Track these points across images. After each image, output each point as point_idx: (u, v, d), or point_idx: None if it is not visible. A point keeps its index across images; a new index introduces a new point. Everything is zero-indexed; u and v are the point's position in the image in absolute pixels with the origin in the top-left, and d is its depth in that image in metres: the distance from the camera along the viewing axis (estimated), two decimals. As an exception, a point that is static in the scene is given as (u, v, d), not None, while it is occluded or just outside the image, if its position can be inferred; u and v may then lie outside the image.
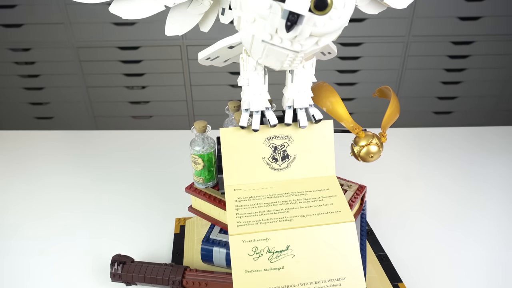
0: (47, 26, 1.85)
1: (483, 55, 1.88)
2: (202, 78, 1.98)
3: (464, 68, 1.92)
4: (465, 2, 1.75)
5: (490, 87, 1.97)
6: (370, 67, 1.92)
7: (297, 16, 0.37)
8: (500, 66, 1.90)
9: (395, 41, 1.84)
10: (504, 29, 1.81)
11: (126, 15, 0.51)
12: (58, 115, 2.10)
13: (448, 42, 1.85)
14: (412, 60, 1.90)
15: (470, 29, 1.81)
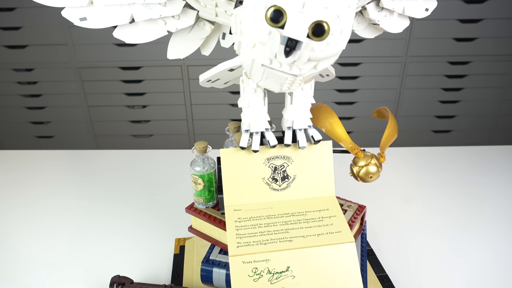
0: (51, 47, 1.88)
1: (480, 74, 1.90)
2: (202, 98, 2.00)
3: (461, 87, 1.94)
4: (460, 24, 1.79)
5: (488, 106, 1.99)
6: (369, 86, 1.94)
7: (295, 42, 0.38)
8: (498, 85, 1.93)
9: (393, 61, 1.87)
10: (499, 50, 1.84)
11: (129, 39, 0.52)
12: (59, 134, 2.11)
13: (445, 62, 1.88)
14: (410, 80, 1.92)
15: (466, 49, 1.85)
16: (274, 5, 0.38)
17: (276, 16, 0.38)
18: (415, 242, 0.78)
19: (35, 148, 2.12)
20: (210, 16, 0.50)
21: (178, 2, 0.48)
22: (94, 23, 0.50)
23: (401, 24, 0.58)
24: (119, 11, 0.49)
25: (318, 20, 0.38)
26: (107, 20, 0.49)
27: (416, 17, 0.57)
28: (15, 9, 1.79)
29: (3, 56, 1.90)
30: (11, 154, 1.16)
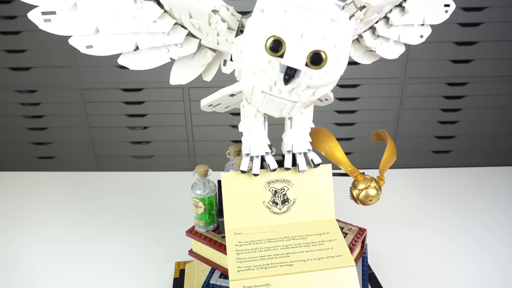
0: (54, 69, 1.91)
1: (478, 95, 1.92)
2: (203, 119, 2.01)
3: (460, 108, 1.96)
4: (456, 46, 1.82)
5: (487, 127, 2.00)
6: (368, 107, 1.96)
7: (294, 70, 0.39)
8: (496, 106, 1.95)
9: (391, 82, 1.90)
10: (495, 71, 1.87)
11: (133, 66, 0.53)
12: (60, 155, 2.12)
13: (443, 83, 1.90)
14: (409, 101, 1.94)
15: (463, 71, 1.87)
16: (273, 36, 0.39)
17: (276, 46, 0.40)
18: (417, 265, 0.78)
19: (36, 168, 2.12)
20: (212, 44, 0.52)
21: (181, 31, 0.49)
22: (100, 51, 0.51)
23: (397, 50, 0.60)
24: (124, 39, 0.50)
25: (316, 50, 0.39)
26: (112, 48, 0.51)
27: (411, 44, 0.59)
28: (21, 32, 1.83)
29: (7, 78, 1.92)
30: (12, 176, 1.17)
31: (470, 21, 1.78)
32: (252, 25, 0.40)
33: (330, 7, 0.39)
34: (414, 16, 0.54)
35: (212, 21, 0.46)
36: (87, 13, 0.47)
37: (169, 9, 0.46)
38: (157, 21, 0.47)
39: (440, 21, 0.58)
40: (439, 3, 0.56)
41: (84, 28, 0.49)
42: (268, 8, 0.40)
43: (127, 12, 0.46)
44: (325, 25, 0.39)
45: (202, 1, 0.43)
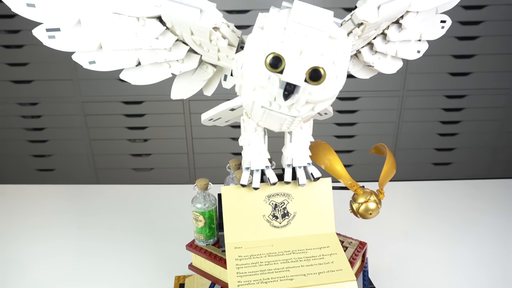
0: (56, 82, 1.93)
1: (477, 107, 1.93)
2: (203, 132, 2.02)
3: (459, 120, 1.97)
4: (454, 59, 1.84)
5: (486, 139, 2.00)
6: (368, 120, 1.97)
7: (293, 86, 0.40)
8: (495, 118, 1.95)
9: (390, 95, 1.91)
10: (493, 83, 1.88)
11: (135, 81, 0.54)
12: (60, 167, 2.12)
13: (442, 96, 1.92)
14: (409, 113, 1.95)
15: (461, 83, 1.89)
16: (273, 52, 0.40)
17: (275, 62, 0.40)
18: (418, 279, 0.77)
19: (36, 181, 2.12)
20: (213, 60, 0.52)
21: (182, 47, 0.50)
22: (103, 66, 0.52)
23: (395, 65, 0.61)
24: (126, 55, 0.51)
25: (315, 66, 0.40)
26: (115, 64, 0.52)
27: (409, 59, 0.60)
28: (23, 46, 1.85)
29: (9, 91, 1.94)
30: (12, 190, 1.17)
31: (467, 35, 1.80)
32: (253, 42, 0.41)
33: (328, 25, 0.40)
34: (411, 32, 0.55)
35: (213, 37, 0.47)
36: (91, 30, 0.48)
37: (171, 26, 0.47)
38: (159, 37, 0.48)
39: (437, 37, 0.59)
40: (436, 19, 0.57)
41: (87, 44, 0.49)
42: (268, 26, 0.41)
43: (130, 29, 0.47)
44: (323, 42, 0.40)
45: (203, 18, 0.44)
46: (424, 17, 0.54)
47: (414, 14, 0.50)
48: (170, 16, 0.44)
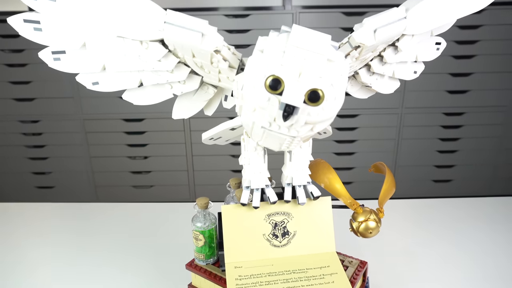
0: (57, 100, 1.95)
1: (475, 125, 1.95)
2: (203, 149, 2.03)
3: (458, 137, 1.98)
4: (452, 77, 1.86)
5: (486, 156, 2.01)
6: (367, 137, 1.98)
7: (293, 107, 0.41)
8: (493, 135, 1.97)
9: (389, 112, 1.93)
10: (491, 101, 1.90)
11: (137, 101, 0.55)
12: (60, 184, 2.12)
13: (441, 113, 1.93)
14: (408, 131, 1.97)
15: (459, 101, 1.91)
16: (272, 75, 0.41)
17: (275, 84, 0.41)
18: (419, 299, 0.77)
19: (35, 198, 2.12)
20: (214, 81, 0.54)
21: (184, 69, 0.51)
22: (106, 87, 0.53)
23: (392, 86, 0.62)
24: (129, 77, 0.52)
25: (314, 88, 0.41)
26: (118, 85, 0.53)
27: (406, 79, 0.61)
28: (27, 65, 1.87)
29: (11, 108, 1.95)
30: (11, 208, 1.16)
31: (464, 54, 1.83)
32: (253, 64, 0.42)
33: (326, 48, 0.41)
34: (407, 54, 0.56)
35: (214, 60, 0.48)
36: (95, 52, 0.49)
37: (173, 48, 0.48)
38: (161, 60, 0.49)
39: (432, 58, 0.61)
40: (431, 41, 0.59)
41: (91, 66, 0.51)
42: (267, 49, 0.42)
43: (133, 52, 0.48)
44: (321, 65, 0.41)
45: (204, 42, 0.45)
46: (419, 40, 0.55)
47: (409, 37, 0.52)
48: (172, 40, 0.46)
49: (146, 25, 0.45)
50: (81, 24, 0.47)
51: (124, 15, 0.45)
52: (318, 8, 1.86)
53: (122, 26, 0.45)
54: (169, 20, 0.45)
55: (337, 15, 1.82)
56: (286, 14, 1.85)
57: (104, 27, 0.46)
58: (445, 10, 0.49)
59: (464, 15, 0.51)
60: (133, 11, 0.45)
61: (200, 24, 0.45)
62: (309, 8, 1.86)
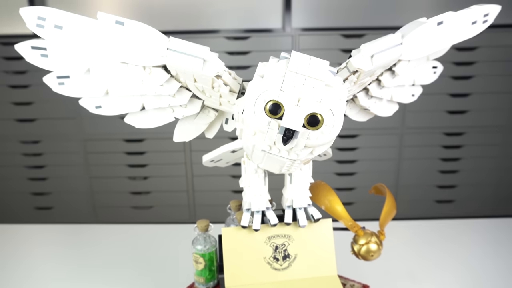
0: (59, 121, 1.96)
1: (476, 145, 1.95)
2: (204, 169, 2.03)
3: (459, 157, 1.98)
4: (451, 98, 1.88)
5: (488, 176, 2.00)
6: (368, 157, 1.98)
7: (292, 131, 0.41)
8: (494, 155, 1.97)
9: (389, 132, 1.93)
10: (491, 121, 1.91)
11: (139, 124, 0.56)
12: (59, 205, 2.11)
13: (441, 133, 1.94)
14: (408, 151, 1.97)
15: (459, 121, 1.92)
16: (272, 100, 0.42)
17: (275, 109, 0.42)
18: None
19: (34, 219, 2.10)
20: (215, 104, 0.54)
21: (185, 93, 0.52)
22: (108, 111, 0.54)
23: (391, 109, 0.63)
24: (132, 101, 0.53)
25: (313, 113, 0.42)
26: (120, 108, 0.54)
27: (404, 102, 0.62)
28: (29, 86, 1.90)
29: (13, 129, 1.97)
30: (10, 230, 1.15)
31: (462, 75, 1.86)
32: (253, 89, 0.43)
33: (325, 74, 0.42)
34: (404, 78, 0.57)
35: (215, 84, 0.49)
36: (99, 77, 0.50)
37: (175, 74, 0.49)
38: (164, 84, 0.50)
39: (430, 82, 0.62)
40: (427, 65, 0.60)
41: (95, 90, 0.52)
42: (267, 75, 0.43)
43: (136, 77, 0.49)
44: (320, 90, 0.42)
45: (206, 67, 0.46)
46: (416, 64, 0.56)
47: (406, 62, 0.53)
48: (175, 65, 0.47)
49: (150, 51, 0.46)
50: (86, 51, 0.48)
51: (128, 43, 0.46)
52: (318, 30, 1.89)
53: (126, 53, 0.47)
54: (171, 47, 0.46)
55: (336, 37, 1.86)
56: (286, 36, 1.88)
57: (109, 54, 0.47)
58: (440, 37, 0.50)
59: (458, 42, 0.52)
60: (137, 38, 0.46)
61: (202, 50, 0.46)
62: (308, 31, 1.90)
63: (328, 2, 1.98)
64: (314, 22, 2.01)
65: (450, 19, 0.49)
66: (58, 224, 1.22)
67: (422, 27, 0.49)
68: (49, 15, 0.45)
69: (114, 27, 0.45)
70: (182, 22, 2.04)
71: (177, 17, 2.03)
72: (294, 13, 2.01)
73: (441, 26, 0.50)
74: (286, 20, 1.96)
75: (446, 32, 0.51)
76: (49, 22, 0.45)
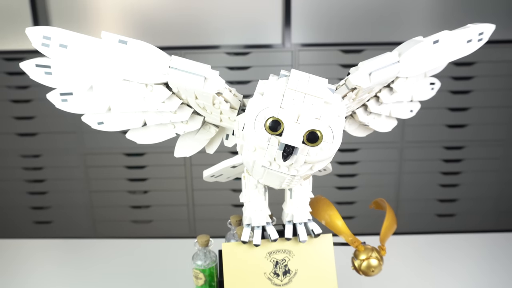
0: (60, 135, 1.97)
1: (476, 159, 1.96)
2: (204, 183, 2.01)
3: (459, 171, 1.98)
4: (450, 112, 1.89)
5: (488, 190, 2.00)
6: (368, 171, 1.98)
7: (292, 148, 0.42)
8: (494, 169, 1.97)
9: (389, 146, 1.94)
10: (491, 135, 1.92)
11: (140, 140, 0.57)
12: (58, 219, 2.10)
13: (441, 147, 1.95)
14: (409, 164, 1.97)
15: (459, 135, 1.93)
16: (272, 117, 0.43)
17: (274, 126, 0.43)
18: None
19: (33, 234, 2.09)
20: (215, 121, 0.55)
21: (187, 109, 0.53)
22: (110, 127, 0.55)
23: (389, 124, 0.63)
24: (133, 117, 0.54)
25: (312, 129, 0.43)
26: (122, 124, 0.55)
27: (402, 118, 0.63)
28: (31, 100, 1.91)
29: (14, 143, 1.98)
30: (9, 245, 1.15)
31: (461, 89, 1.87)
32: (253, 106, 0.44)
33: (323, 91, 0.43)
34: (402, 95, 0.58)
35: (216, 101, 0.50)
36: (102, 94, 0.51)
37: (177, 91, 0.50)
38: (165, 101, 0.51)
39: (428, 98, 0.63)
40: (425, 81, 0.61)
41: (97, 107, 0.53)
42: (267, 92, 0.44)
43: (138, 94, 0.50)
44: (319, 107, 0.43)
45: (207, 85, 0.47)
46: (414, 81, 0.57)
47: (403, 79, 0.54)
48: (176, 83, 0.48)
49: (152, 69, 0.47)
50: (90, 69, 0.49)
51: (131, 61, 0.47)
52: (317, 46, 1.92)
53: (129, 71, 0.48)
54: (173, 65, 0.47)
55: (336, 53, 1.88)
56: (285, 52, 1.91)
57: (112, 72, 0.48)
58: (436, 55, 0.51)
59: (454, 59, 0.54)
60: (140, 57, 0.47)
61: (203, 68, 0.47)
62: (308, 46, 1.92)
63: (328, 19, 2.02)
64: (313, 37, 2.04)
65: (445, 37, 0.51)
66: (57, 238, 1.22)
67: (418, 46, 0.50)
68: (54, 34, 0.46)
69: (118, 46, 0.46)
70: (184, 38, 2.08)
71: (179, 33, 2.06)
72: (294, 29, 2.04)
73: (437, 44, 0.51)
74: (286, 36, 1.99)
75: (442, 50, 0.52)
76: (54, 41, 0.46)
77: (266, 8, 2.02)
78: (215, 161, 0.62)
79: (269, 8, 2.02)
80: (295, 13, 2.02)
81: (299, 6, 2.01)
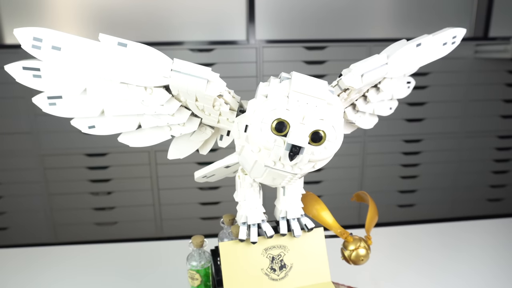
0: (14, 136, 1.85)
1: (433, 151, 2.09)
2: (170, 182, 2.00)
3: (418, 163, 2.10)
4: (409, 107, 2.01)
5: (445, 180, 2.15)
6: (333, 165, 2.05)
7: (298, 148, 0.44)
8: (451, 160, 2.11)
9: (353, 141, 2.02)
10: (445, 128, 2.06)
11: (134, 144, 0.56)
12: (15, 225, 1.98)
13: (401, 140, 2.06)
14: (371, 158, 2.07)
15: (416, 129, 2.05)
16: (278, 118, 0.44)
17: (280, 127, 0.44)
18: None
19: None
20: (212, 122, 0.55)
21: (185, 112, 0.53)
22: (102, 131, 0.53)
23: (372, 121, 0.67)
24: (128, 120, 0.53)
25: (317, 129, 0.45)
26: (115, 128, 0.53)
27: (383, 115, 0.67)
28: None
29: (-38, 147, 1.83)
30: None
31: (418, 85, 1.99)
32: (259, 109, 0.45)
33: (326, 93, 0.45)
34: (386, 94, 0.61)
35: (216, 103, 0.50)
36: (96, 97, 0.50)
37: (177, 93, 0.50)
38: (164, 104, 0.50)
39: (405, 95, 0.67)
40: (404, 81, 0.66)
41: (89, 111, 0.51)
42: (271, 94, 0.45)
43: (137, 97, 0.49)
44: (323, 108, 0.45)
45: (209, 88, 0.47)
46: (396, 81, 0.61)
47: (389, 79, 0.57)
48: (178, 86, 0.48)
49: (153, 72, 0.47)
50: (85, 71, 0.47)
51: (132, 64, 0.46)
52: (281, 42, 1.95)
53: (129, 74, 0.47)
54: (176, 68, 0.47)
55: (299, 49, 1.92)
56: (250, 48, 1.92)
57: (110, 75, 0.47)
58: (418, 57, 0.56)
59: (433, 60, 0.59)
60: (141, 60, 0.46)
61: (205, 71, 0.47)
62: (272, 43, 1.95)
63: (291, 16, 2.05)
64: (277, 34, 2.07)
65: (426, 41, 0.55)
66: (14, 246, 1.10)
67: (404, 48, 0.54)
68: (46, 36, 0.44)
69: (117, 48, 0.45)
70: (146, 34, 2.02)
71: (141, 29, 2.01)
72: (258, 26, 2.05)
73: (419, 47, 0.55)
74: (250, 32, 2.00)
75: (423, 53, 0.56)
76: (46, 43, 0.44)
77: (231, 4, 2.02)
78: (181, 160, 0.61)
79: (234, 4, 2.02)
80: (259, 10, 2.03)
81: (263, 3, 2.03)
